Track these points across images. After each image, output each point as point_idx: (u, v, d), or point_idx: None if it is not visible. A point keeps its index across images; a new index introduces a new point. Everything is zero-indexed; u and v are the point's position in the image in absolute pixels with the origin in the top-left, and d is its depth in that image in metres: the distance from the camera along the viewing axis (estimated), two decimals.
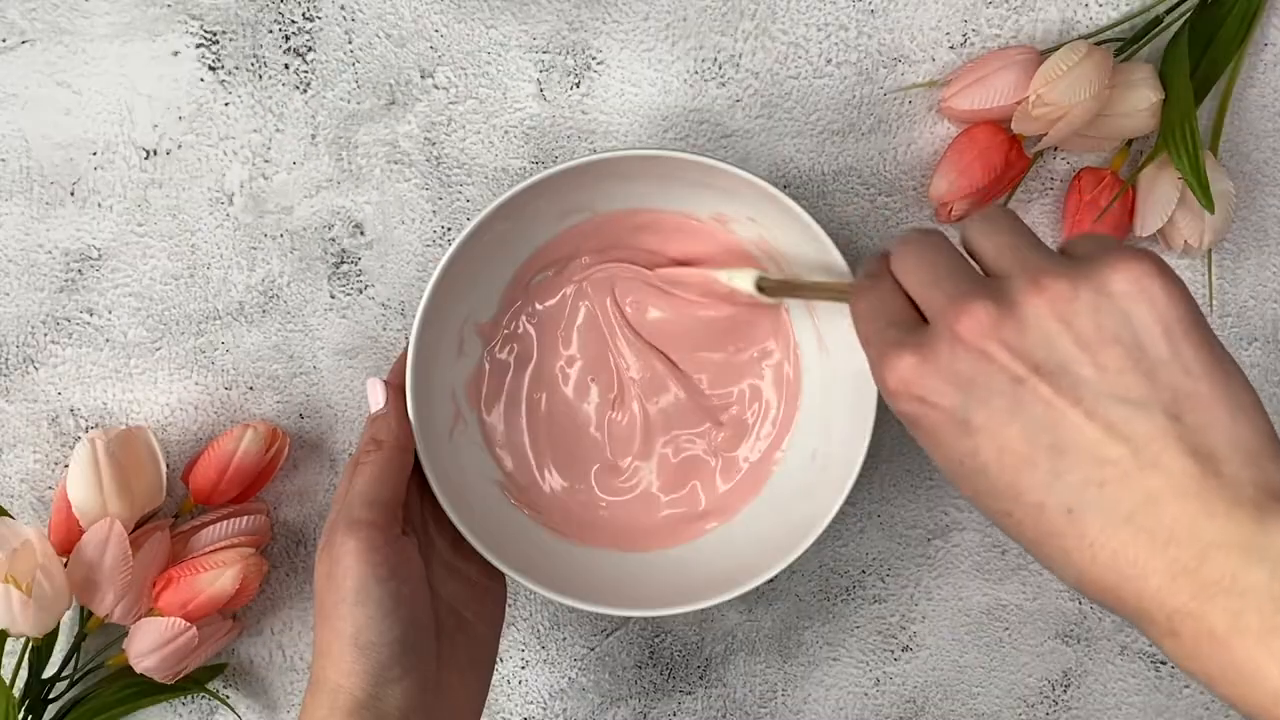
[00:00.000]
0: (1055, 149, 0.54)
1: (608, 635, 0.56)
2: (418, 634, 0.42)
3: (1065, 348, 0.31)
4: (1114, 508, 0.30)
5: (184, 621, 0.49)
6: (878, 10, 0.53)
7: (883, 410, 0.52)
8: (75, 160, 0.53)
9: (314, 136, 0.53)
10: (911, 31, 0.53)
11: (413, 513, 0.46)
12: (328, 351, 0.54)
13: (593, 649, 0.56)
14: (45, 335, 0.54)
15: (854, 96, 0.53)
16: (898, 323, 0.35)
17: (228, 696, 0.55)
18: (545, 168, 0.48)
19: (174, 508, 0.54)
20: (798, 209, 0.45)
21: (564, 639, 0.56)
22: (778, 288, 0.48)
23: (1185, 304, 0.31)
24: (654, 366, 0.52)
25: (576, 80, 0.53)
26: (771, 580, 0.47)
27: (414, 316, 0.46)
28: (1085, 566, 0.31)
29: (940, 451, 0.34)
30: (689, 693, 0.56)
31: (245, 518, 0.52)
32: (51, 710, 0.52)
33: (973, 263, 0.36)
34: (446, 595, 0.46)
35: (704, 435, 0.52)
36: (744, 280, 0.48)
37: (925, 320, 0.35)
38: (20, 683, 0.52)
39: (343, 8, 0.52)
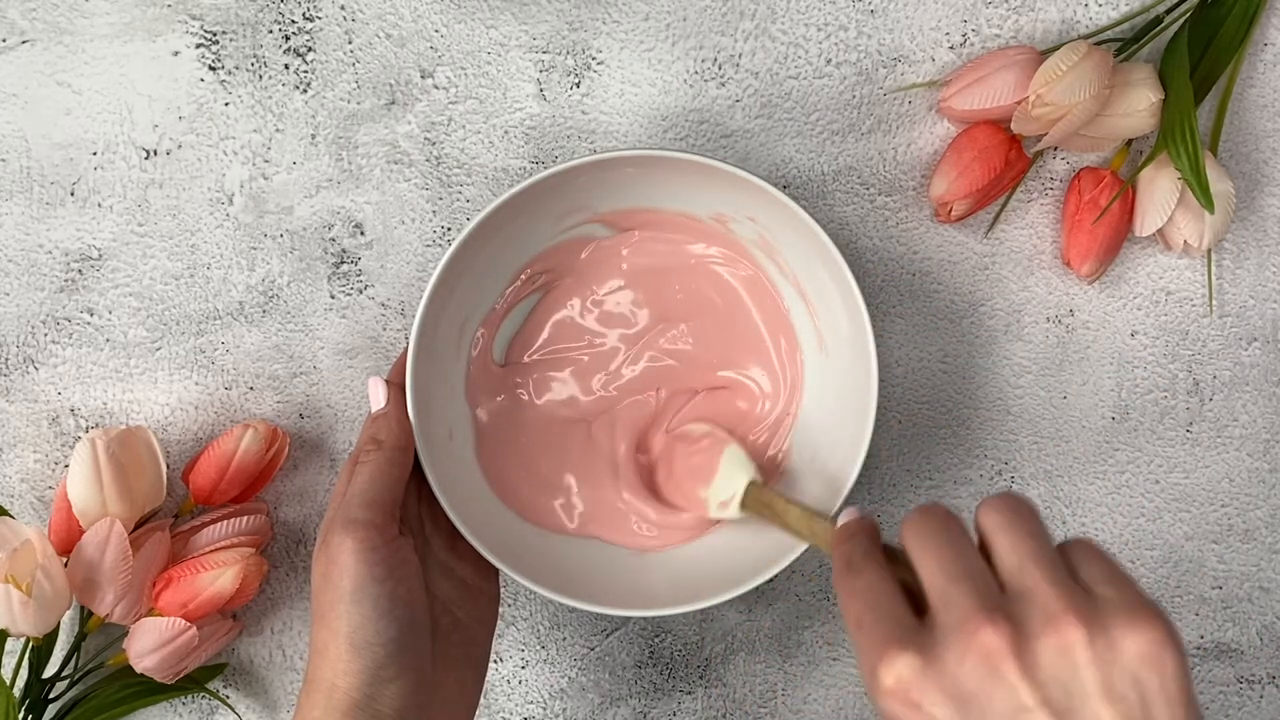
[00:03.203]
0: (1055, 149, 0.54)
1: (608, 635, 0.56)
2: (413, 634, 0.42)
3: (1075, 691, 0.31)
4: None
5: (184, 621, 0.49)
6: (878, 10, 0.53)
7: (882, 411, 0.52)
8: (75, 160, 0.53)
9: (314, 136, 0.53)
10: (911, 31, 0.53)
11: (409, 513, 0.46)
12: (328, 351, 0.54)
13: (593, 649, 0.56)
14: (45, 335, 0.54)
15: (854, 96, 0.53)
16: (893, 614, 0.34)
17: (228, 696, 0.55)
18: (545, 168, 0.48)
19: (174, 508, 0.54)
20: (798, 209, 0.45)
21: (564, 639, 0.56)
22: (757, 505, 0.47)
23: (1187, 676, 0.32)
24: (653, 365, 0.52)
25: (576, 80, 0.53)
26: (771, 580, 0.47)
27: (414, 316, 0.46)
28: None
29: None
30: (689, 693, 0.56)
31: (245, 518, 0.52)
32: (51, 710, 0.52)
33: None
34: (441, 596, 0.46)
35: (704, 434, 0.52)
36: (730, 511, 0.48)
37: (919, 612, 0.34)
38: (20, 683, 0.52)
39: (343, 8, 0.52)
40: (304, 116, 0.53)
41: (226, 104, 0.53)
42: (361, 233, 0.53)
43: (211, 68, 0.53)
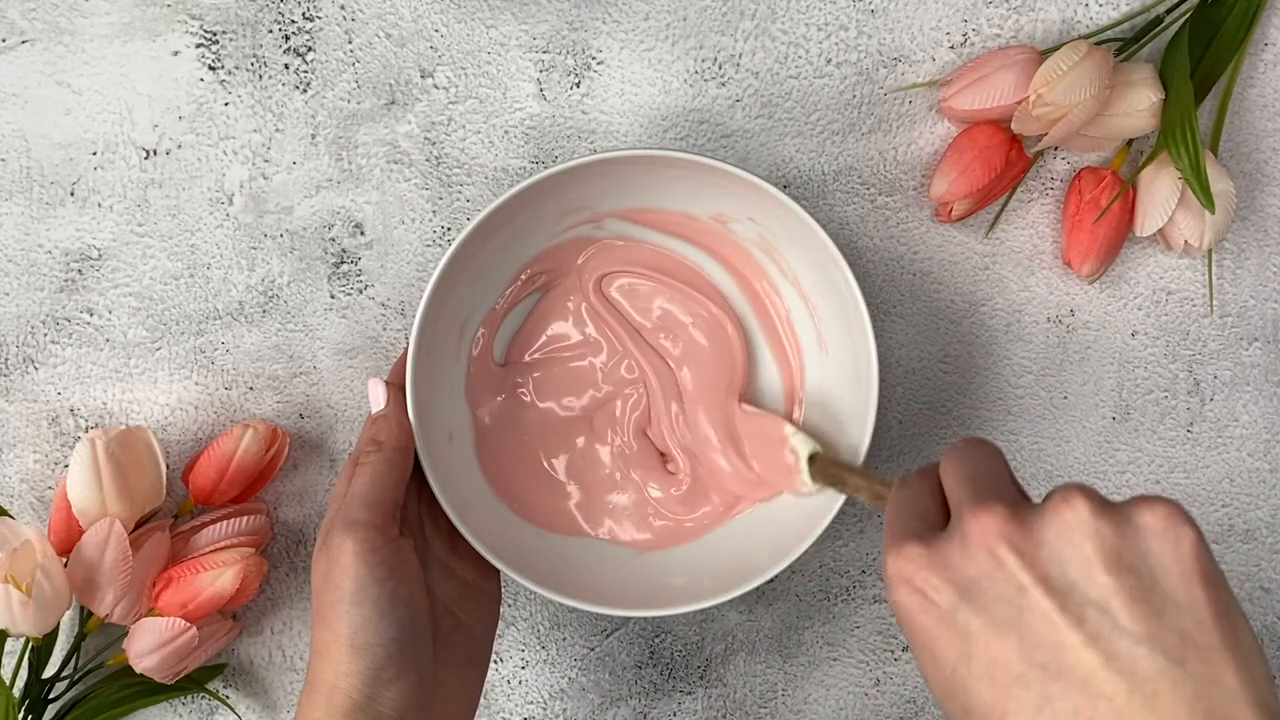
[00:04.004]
0: (1055, 149, 0.54)
1: (608, 635, 0.56)
2: (414, 635, 0.42)
3: (1077, 566, 0.30)
4: None
5: (184, 621, 0.49)
6: (878, 10, 0.53)
7: (882, 411, 0.52)
8: (75, 160, 0.53)
9: (314, 136, 0.53)
10: (911, 31, 0.53)
11: (409, 514, 0.46)
12: (328, 351, 0.54)
13: (593, 649, 0.56)
14: (45, 335, 0.54)
15: (854, 96, 0.53)
16: (921, 516, 0.35)
17: (228, 696, 0.55)
18: (545, 168, 0.48)
19: (174, 508, 0.54)
20: (798, 209, 0.45)
21: (564, 639, 0.56)
22: (825, 475, 0.46)
23: (1207, 554, 0.30)
24: (653, 365, 0.52)
25: (576, 80, 0.53)
26: (771, 580, 0.47)
27: (414, 316, 0.46)
28: None
29: (929, 654, 0.32)
30: (689, 693, 0.56)
31: (245, 518, 0.52)
32: (51, 710, 0.52)
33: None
34: (442, 596, 0.46)
35: (703, 434, 0.52)
36: (802, 451, 0.47)
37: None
38: (20, 683, 0.52)
39: (343, 8, 0.52)
40: (304, 116, 0.53)
41: (226, 104, 0.53)
42: (361, 233, 0.53)
43: (211, 67, 0.53)
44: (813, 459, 0.47)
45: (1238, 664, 0.29)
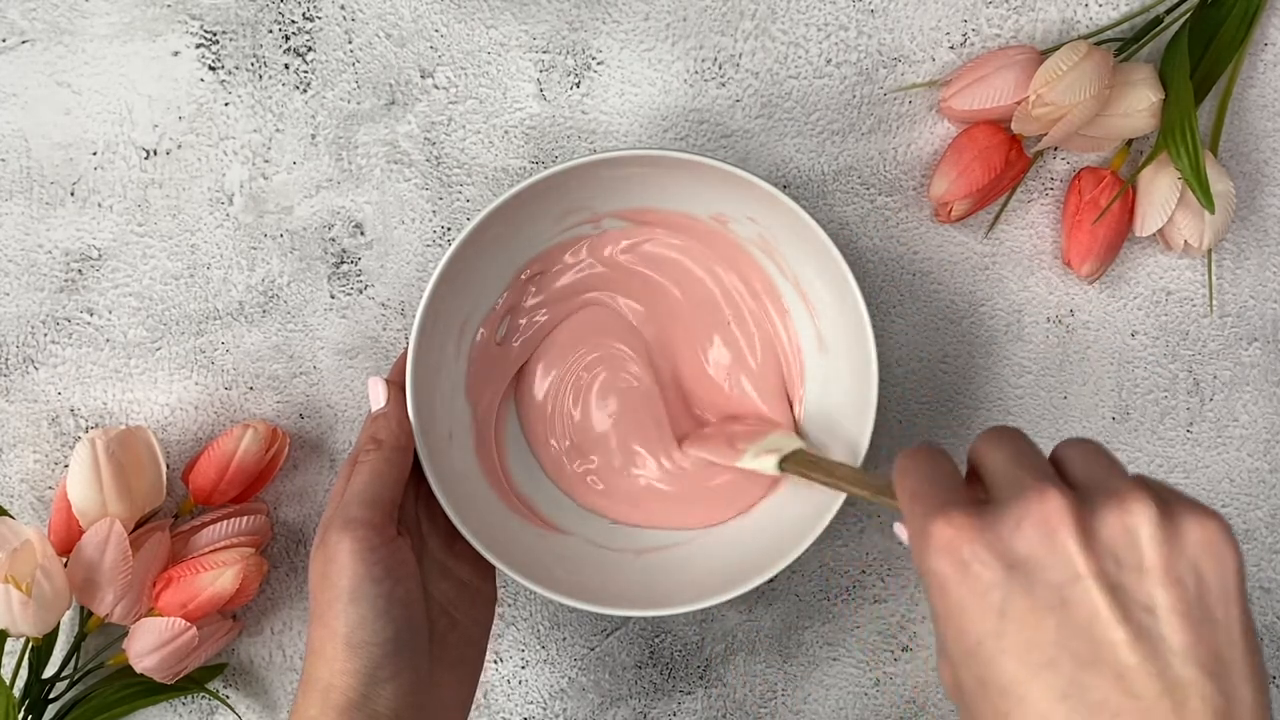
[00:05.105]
0: (1055, 149, 0.54)
1: (608, 635, 0.56)
2: (410, 634, 0.42)
3: (1131, 570, 0.30)
4: None
5: (184, 621, 0.49)
6: (878, 10, 0.53)
7: (882, 410, 0.52)
8: (75, 160, 0.53)
9: (314, 136, 0.53)
10: (911, 31, 0.53)
11: (406, 513, 0.46)
12: (328, 351, 0.54)
13: (593, 649, 0.56)
14: (45, 335, 0.54)
15: (854, 96, 0.53)
16: (955, 486, 0.34)
17: (228, 696, 0.55)
18: (545, 168, 0.48)
19: (174, 508, 0.54)
20: (798, 209, 0.45)
21: (564, 639, 0.56)
22: (799, 467, 0.46)
23: (1244, 575, 0.31)
24: (655, 365, 0.52)
25: (576, 80, 0.53)
26: (771, 580, 0.47)
27: (414, 316, 0.46)
28: None
29: (955, 625, 0.32)
30: (689, 693, 0.56)
31: (245, 518, 0.52)
32: (51, 710, 0.52)
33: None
34: (438, 596, 0.46)
35: (703, 433, 0.52)
36: (765, 462, 0.47)
37: (981, 500, 0.34)
38: (20, 683, 0.52)
39: (343, 8, 0.52)
40: (304, 116, 0.53)
41: (226, 104, 0.53)
42: (361, 233, 0.53)
43: (211, 68, 0.53)
44: (782, 465, 0.47)
45: (1254, 684, 0.30)
